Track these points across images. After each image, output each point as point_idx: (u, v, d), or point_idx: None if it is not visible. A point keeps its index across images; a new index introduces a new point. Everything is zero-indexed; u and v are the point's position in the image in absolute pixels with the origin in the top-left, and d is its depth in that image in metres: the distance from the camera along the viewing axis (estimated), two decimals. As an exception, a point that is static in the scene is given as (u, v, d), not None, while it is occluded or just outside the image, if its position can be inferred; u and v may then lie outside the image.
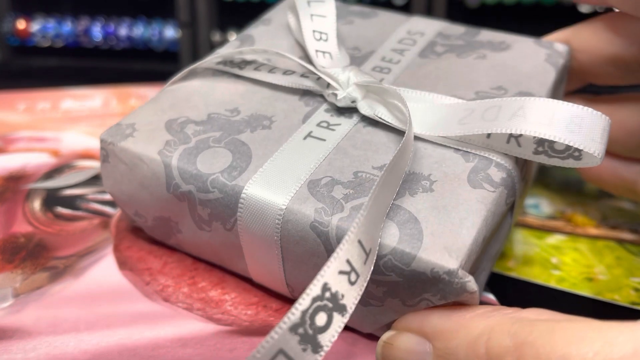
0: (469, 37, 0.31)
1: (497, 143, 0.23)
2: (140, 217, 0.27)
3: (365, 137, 0.25)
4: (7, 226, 0.31)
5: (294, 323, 0.17)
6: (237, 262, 0.25)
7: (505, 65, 0.28)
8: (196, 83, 0.29)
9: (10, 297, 0.26)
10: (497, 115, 0.23)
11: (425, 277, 0.20)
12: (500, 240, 0.25)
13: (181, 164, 0.24)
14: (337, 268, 0.18)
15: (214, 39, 0.61)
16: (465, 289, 0.19)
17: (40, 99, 0.47)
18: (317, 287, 0.17)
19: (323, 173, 0.23)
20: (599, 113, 0.22)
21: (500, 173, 0.23)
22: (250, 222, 0.23)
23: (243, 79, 0.28)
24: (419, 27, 0.32)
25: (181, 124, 0.26)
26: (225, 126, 0.26)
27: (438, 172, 0.23)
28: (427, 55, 0.30)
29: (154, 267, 0.28)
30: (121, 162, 0.25)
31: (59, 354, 0.23)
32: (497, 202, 0.22)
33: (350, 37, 0.31)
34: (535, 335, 0.17)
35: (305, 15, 0.29)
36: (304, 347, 0.17)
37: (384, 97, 0.25)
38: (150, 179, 0.25)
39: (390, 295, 0.21)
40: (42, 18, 0.60)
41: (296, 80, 0.27)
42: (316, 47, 0.28)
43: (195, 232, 0.25)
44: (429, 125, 0.24)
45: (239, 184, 0.23)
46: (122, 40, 0.60)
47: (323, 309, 0.18)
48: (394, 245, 0.20)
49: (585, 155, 0.22)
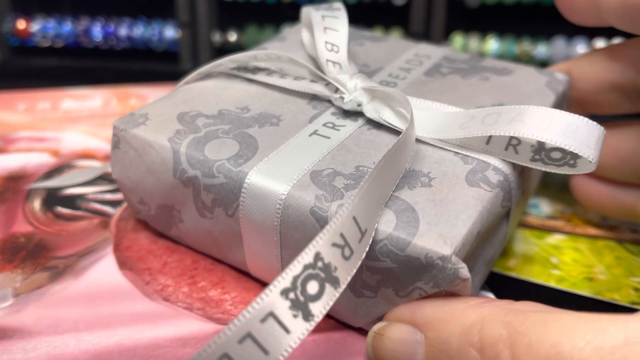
0: (474, 62, 0.33)
1: (496, 149, 0.24)
2: (144, 205, 0.28)
3: (368, 138, 0.26)
4: (7, 226, 0.31)
5: (284, 287, 0.17)
6: (236, 252, 0.26)
7: (507, 87, 0.30)
8: (210, 83, 0.30)
9: (10, 297, 0.26)
10: (496, 120, 0.24)
11: (419, 263, 0.20)
12: (495, 246, 0.25)
13: (189, 151, 0.25)
14: (331, 240, 0.18)
15: (214, 39, 0.61)
16: (458, 275, 0.20)
17: (40, 99, 0.47)
18: (309, 256, 0.18)
19: (326, 165, 0.24)
20: (594, 123, 0.23)
21: (498, 176, 0.23)
22: (251, 208, 0.23)
23: (255, 82, 0.30)
24: (426, 51, 0.34)
25: (192, 117, 0.27)
26: (234, 121, 0.27)
27: (437, 170, 0.23)
28: (432, 74, 0.31)
29: (154, 266, 0.28)
30: (131, 148, 0.27)
31: (59, 354, 0.23)
32: (493, 202, 0.23)
33: (360, 56, 0.33)
34: (528, 325, 0.17)
35: (319, 28, 0.30)
36: (294, 314, 0.17)
37: (389, 102, 0.26)
38: (158, 165, 0.26)
39: (384, 284, 0.21)
40: (42, 18, 0.60)
41: (306, 85, 0.29)
42: (327, 56, 0.29)
43: (197, 220, 0.26)
44: (431, 129, 0.25)
45: (243, 170, 0.24)
46: (122, 41, 0.60)
47: (315, 277, 0.18)
48: (390, 231, 0.21)
49: (580, 163, 0.23)
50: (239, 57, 0.30)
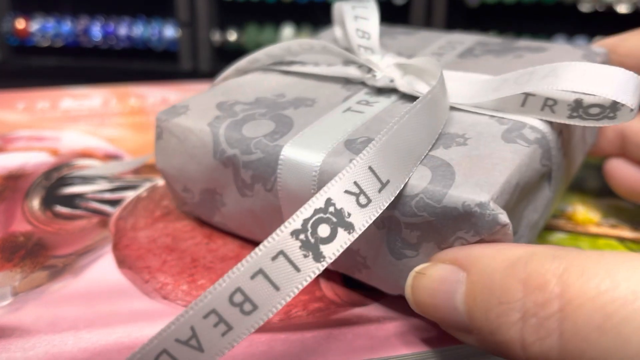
0: (507, 44, 0.33)
1: (532, 110, 0.24)
2: (188, 192, 0.29)
3: (402, 109, 0.26)
4: (6, 225, 0.31)
5: (295, 228, 0.18)
6: (277, 228, 0.26)
7: (542, 61, 0.29)
8: (247, 78, 0.32)
9: (9, 296, 0.26)
10: (530, 79, 0.24)
11: (457, 212, 0.20)
12: (538, 210, 0.25)
13: (228, 132, 0.26)
14: (343, 187, 0.19)
15: (213, 38, 0.61)
16: (497, 221, 0.19)
17: (39, 98, 0.47)
18: (319, 201, 0.18)
19: (360, 134, 0.24)
20: (631, 72, 0.22)
21: (535, 134, 0.23)
22: (288, 179, 0.24)
23: (290, 74, 0.31)
24: (459, 39, 0.35)
25: (230, 105, 0.28)
26: (271, 105, 0.28)
27: (472, 132, 0.24)
28: (466, 56, 0.32)
29: (153, 265, 0.28)
30: (173, 136, 0.27)
31: (58, 352, 0.23)
32: (532, 157, 0.22)
33: (393, 46, 0.34)
34: (583, 257, 0.16)
35: (350, 17, 0.31)
36: (305, 253, 0.18)
37: (422, 76, 0.27)
38: (199, 148, 0.27)
39: (425, 239, 0.21)
40: (41, 17, 0.60)
41: (339, 69, 0.29)
42: (359, 42, 0.30)
43: (238, 201, 0.27)
44: (465, 95, 0.26)
45: (279, 144, 0.24)
46: (122, 40, 0.60)
47: (326, 221, 0.18)
48: (426, 185, 0.21)
49: (619, 114, 0.22)
50: (274, 51, 0.31)
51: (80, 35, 0.59)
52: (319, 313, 0.25)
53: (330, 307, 0.26)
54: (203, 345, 0.17)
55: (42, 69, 0.60)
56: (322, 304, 0.26)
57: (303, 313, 0.25)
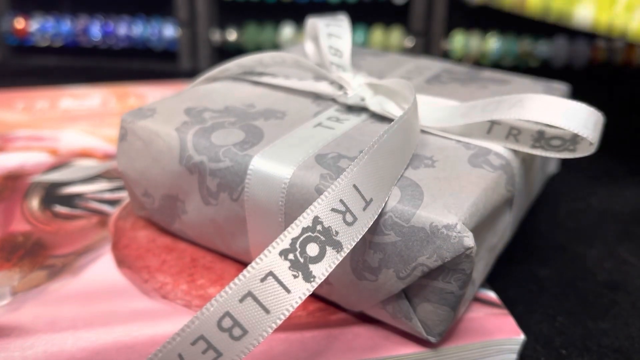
0: (472, 74, 0.34)
1: (497, 137, 0.25)
2: (148, 197, 0.28)
3: (372, 128, 0.26)
4: (6, 225, 0.31)
5: (283, 248, 0.17)
6: (240, 239, 0.26)
7: (505, 93, 0.31)
8: (216, 85, 0.31)
9: (8, 295, 0.26)
10: (497, 107, 0.25)
11: (424, 233, 0.20)
12: (498, 234, 0.25)
13: (196, 139, 0.26)
14: (329, 205, 0.18)
15: (213, 37, 0.61)
16: (463, 243, 0.20)
17: (39, 98, 0.47)
18: (307, 220, 0.18)
19: (330, 149, 0.24)
20: (592, 108, 0.24)
21: (500, 160, 0.24)
22: (256, 189, 0.24)
23: (260, 84, 0.31)
24: (426, 64, 0.36)
25: (199, 111, 0.28)
26: (240, 115, 0.28)
27: (440, 155, 0.24)
28: (432, 82, 0.33)
29: (152, 265, 0.28)
30: (138, 138, 0.27)
31: (57, 352, 0.23)
32: (497, 182, 0.23)
33: (363, 67, 0.35)
34: None
35: (323, 34, 0.32)
36: (294, 274, 0.17)
37: (393, 96, 0.27)
38: (164, 153, 0.26)
39: (386, 265, 0.21)
40: (40, 17, 0.60)
41: (310, 84, 0.30)
42: (331, 59, 0.30)
43: (201, 209, 0.26)
44: (433, 119, 0.26)
45: (249, 154, 0.24)
46: (121, 40, 0.60)
47: (314, 240, 0.18)
48: (395, 204, 0.21)
49: (579, 146, 0.24)
50: (245, 62, 0.31)
51: (79, 35, 0.59)
52: (319, 313, 0.25)
53: (330, 307, 0.26)
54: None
55: (42, 69, 0.60)
56: (322, 304, 0.26)
57: (303, 313, 0.25)
